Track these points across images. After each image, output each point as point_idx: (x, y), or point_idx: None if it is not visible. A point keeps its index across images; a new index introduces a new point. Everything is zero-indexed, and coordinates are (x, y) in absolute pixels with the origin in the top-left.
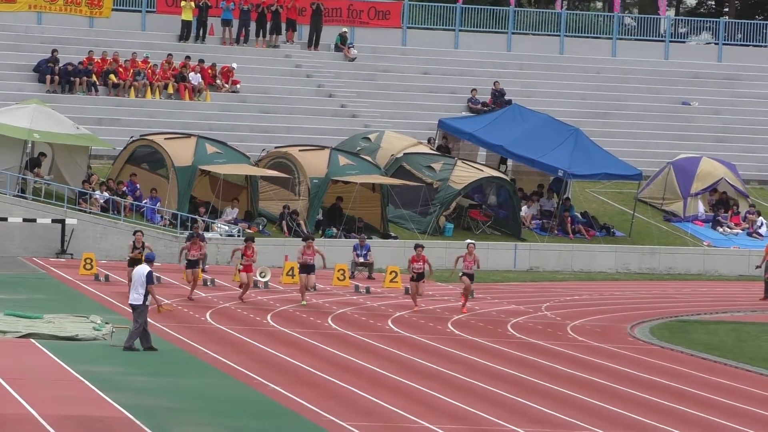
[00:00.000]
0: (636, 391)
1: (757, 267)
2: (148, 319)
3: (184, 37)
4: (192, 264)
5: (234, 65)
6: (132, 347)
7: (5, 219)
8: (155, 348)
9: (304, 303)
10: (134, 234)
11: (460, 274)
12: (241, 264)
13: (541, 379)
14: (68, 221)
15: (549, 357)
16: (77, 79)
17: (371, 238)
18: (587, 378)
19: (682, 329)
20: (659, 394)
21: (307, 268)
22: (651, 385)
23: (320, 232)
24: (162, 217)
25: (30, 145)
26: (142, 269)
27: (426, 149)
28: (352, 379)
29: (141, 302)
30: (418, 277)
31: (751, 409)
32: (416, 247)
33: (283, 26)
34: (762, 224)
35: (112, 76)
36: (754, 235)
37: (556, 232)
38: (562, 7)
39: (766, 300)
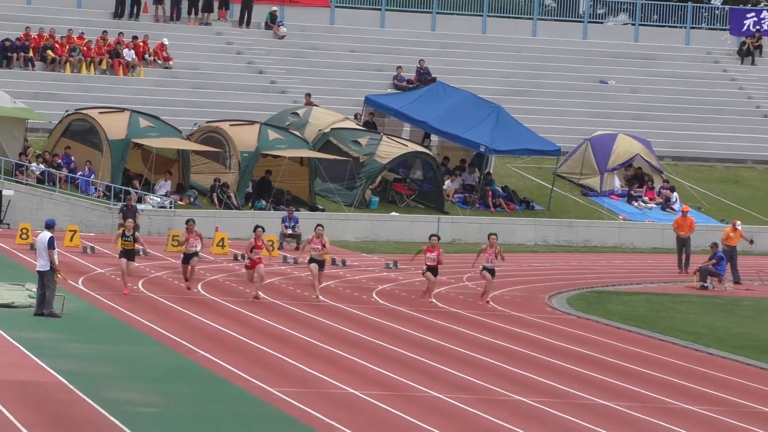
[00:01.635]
0: (554, 359)
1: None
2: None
3: (118, 14)
4: (188, 258)
5: (166, 41)
6: (54, 313)
7: None
8: (58, 315)
9: (317, 297)
10: (125, 221)
11: (480, 268)
12: (248, 260)
13: (462, 347)
14: (5, 192)
15: (470, 326)
16: (14, 55)
17: (299, 211)
18: (507, 346)
19: (598, 300)
20: (577, 363)
21: (316, 262)
22: (568, 354)
23: (250, 204)
24: (96, 188)
25: None
26: (44, 236)
27: (353, 125)
28: (280, 346)
29: (48, 268)
30: (431, 269)
31: (665, 377)
32: (431, 236)
33: (215, 4)
34: (676, 199)
35: (49, 51)
36: (668, 209)
37: (477, 205)
38: None
39: (681, 272)
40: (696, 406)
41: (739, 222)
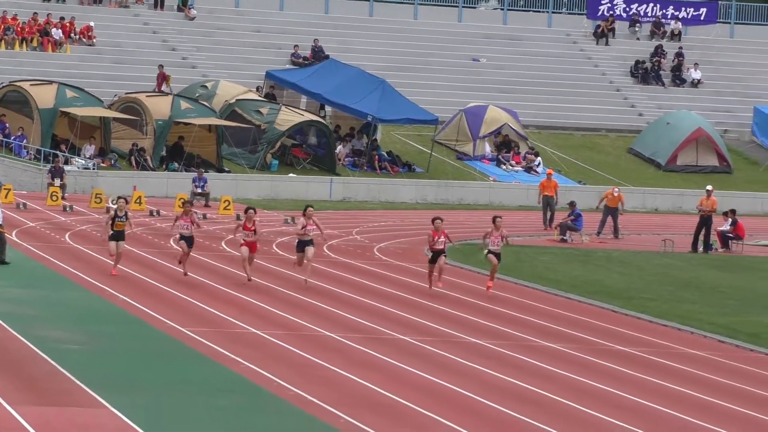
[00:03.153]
0: (433, 303)
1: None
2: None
3: None
4: (185, 239)
5: (92, 24)
6: (4, 261)
7: None
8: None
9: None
10: (117, 200)
11: (486, 251)
12: (243, 239)
13: (352, 293)
14: None
15: (359, 274)
16: None
17: (208, 172)
18: (391, 292)
19: (471, 251)
20: (453, 306)
21: (303, 243)
22: (446, 298)
23: (164, 166)
24: (28, 152)
25: None
26: None
27: (255, 96)
28: (191, 292)
29: None
30: (435, 255)
31: (530, 319)
32: (434, 220)
33: None
34: (539, 163)
35: None
36: (532, 172)
37: (365, 168)
38: None
39: (546, 229)
40: (556, 344)
41: (617, 188)
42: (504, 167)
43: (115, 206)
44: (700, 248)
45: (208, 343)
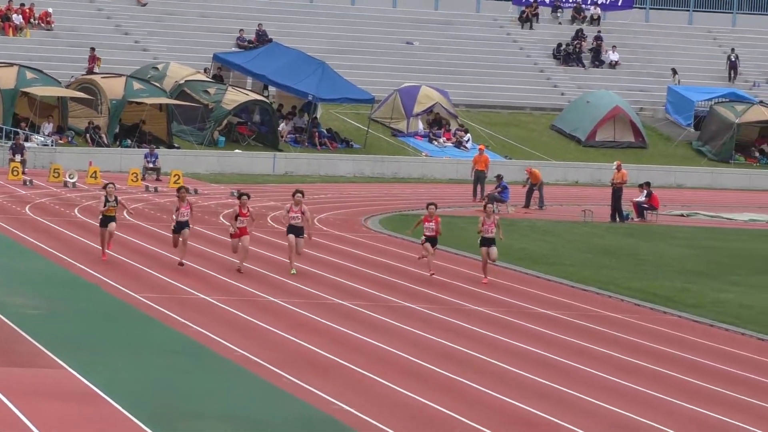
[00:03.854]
0: (367, 269)
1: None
2: None
3: None
4: (181, 226)
5: (51, 10)
6: None
7: None
8: None
9: (293, 272)
10: (105, 187)
11: (479, 240)
12: (236, 228)
13: (282, 253)
14: None
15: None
16: None
17: (159, 148)
18: (330, 260)
19: (404, 221)
20: (382, 270)
21: (295, 230)
22: (379, 264)
23: (118, 143)
24: None
25: None
26: None
27: (203, 77)
28: (143, 259)
29: None
30: (430, 239)
31: (457, 284)
32: (428, 205)
33: None
34: (468, 139)
35: None
36: (462, 147)
37: (306, 144)
38: None
39: (475, 200)
40: (485, 308)
41: (531, 167)
42: (435, 143)
43: (72, 180)
44: (617, 218)
45: (158, 308)
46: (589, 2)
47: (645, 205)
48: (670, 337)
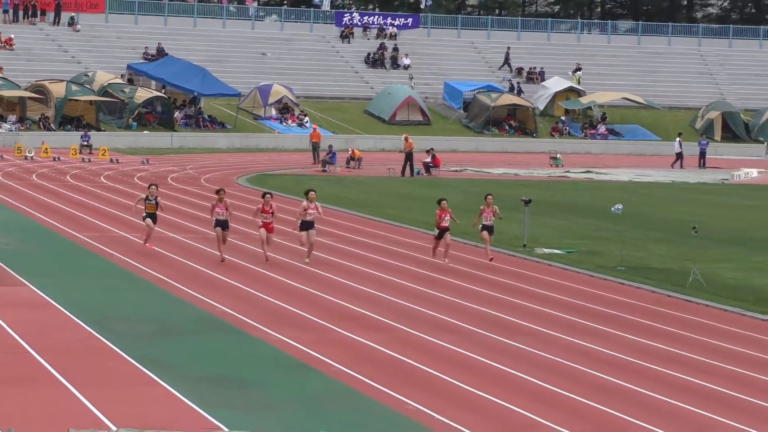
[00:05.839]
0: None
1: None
2: None
3: None
4: (220, 223)
5: (13, 36)
6: None
7: None
8: None
9: (307, 260)
10: (149, 188)
11: (480, 227)
12: (261, 221)
13: (178, 218)
14: None
15: (189, 194)
16: None
17: (90, 131)
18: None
19: (265, 179)
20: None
21: (306, 225)
22: (242, 209)
23: (62, 128)
24: None
25: None
26: None
27: (121, 81)
28: (81, 209)
29: None
30: (442, 232)
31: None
32: (440, 201)
33: (39, 12)
34: (307, 121)
35: None
36: (303, 126)
37: (194, 126)
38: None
39: (314, 164)
40: (319, 238)
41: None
42: (284, 124)
43: (31, 155)
44: (408, 174)
45: (96, 244)
46: (388, 24)
47: (430, 164)
48: (455, 258)
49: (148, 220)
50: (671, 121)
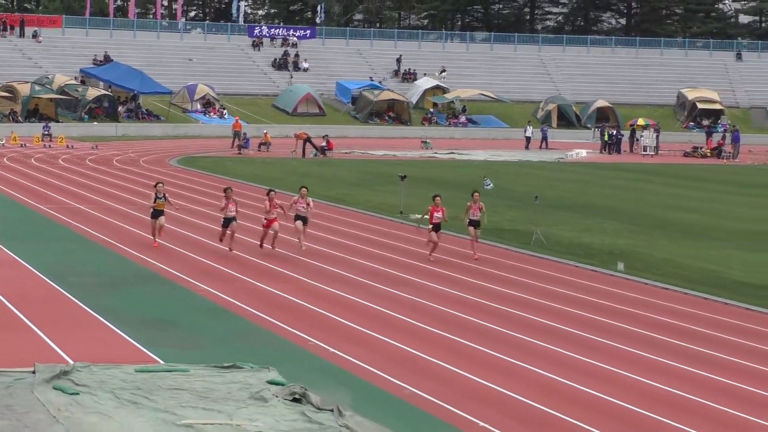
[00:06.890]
0: (172, 188)
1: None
2: None
3: None
4: (228, 221)
5: None
6: None
7: None
8: None
9: (303, 248)
10: (155, 186)
11: (467, 222)
12: (264, 219)
13: (126, 183)
14: None
15: (129, 173)
16: None
17: (51, 122)
18: (142, 181)
19: (193, 161)
20: (186, 190)
21: (300, 218)
22: (180, 186)
23: (27, 120)
24: None
25: None
26: None
27: (75, 82)
28: (42, 185)
29: None
30: (436, 227)
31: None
32: (434, 197)
33: (8, 27)
34: (226, 113)
35: None
36: (223, 118)
37: (135, 118)
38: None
39: (232, 148)
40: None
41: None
42: (207, 116)
43: (2, 142)
44: (310, 155)
45: (57, 215)
46: (291, 35)
47: (326, 148)
48: (347, 223)
49: (160, 218)
50: (518, 112)
